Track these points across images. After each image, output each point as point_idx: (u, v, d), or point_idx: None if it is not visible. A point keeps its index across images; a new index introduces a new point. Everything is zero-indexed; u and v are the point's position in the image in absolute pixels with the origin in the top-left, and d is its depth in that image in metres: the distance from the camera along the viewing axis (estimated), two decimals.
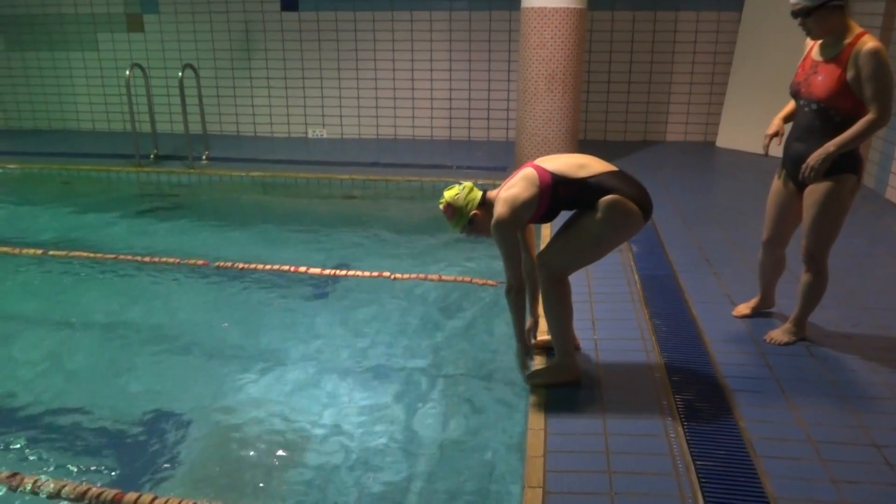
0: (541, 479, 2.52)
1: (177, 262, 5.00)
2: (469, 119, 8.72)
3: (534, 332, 3.48)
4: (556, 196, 2.95)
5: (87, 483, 2.75)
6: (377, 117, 8.91)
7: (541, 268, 3.03)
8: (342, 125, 9.03)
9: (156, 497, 2.62)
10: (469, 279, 4.60)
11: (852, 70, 2.97)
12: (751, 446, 2.68)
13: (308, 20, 8.67)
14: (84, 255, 5.15)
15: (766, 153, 3.50)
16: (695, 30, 8.02)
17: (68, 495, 2.67)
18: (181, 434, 3.13)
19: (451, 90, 8.63)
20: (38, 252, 5.21)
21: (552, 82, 6.68)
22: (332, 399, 3.37)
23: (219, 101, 9.15)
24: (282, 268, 4.85)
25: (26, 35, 9.45)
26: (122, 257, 5.07)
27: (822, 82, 3.06)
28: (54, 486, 2.70)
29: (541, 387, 3.11)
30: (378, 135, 8.98)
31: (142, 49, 9.16)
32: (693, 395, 3.04)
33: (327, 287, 4.67)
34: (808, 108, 3.15)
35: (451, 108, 8.71)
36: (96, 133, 9.60)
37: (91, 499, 2.64)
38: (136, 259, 5.05)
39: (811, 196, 3.19)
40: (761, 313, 3.77)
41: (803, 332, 3.49)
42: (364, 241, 5.63)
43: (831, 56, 3.05)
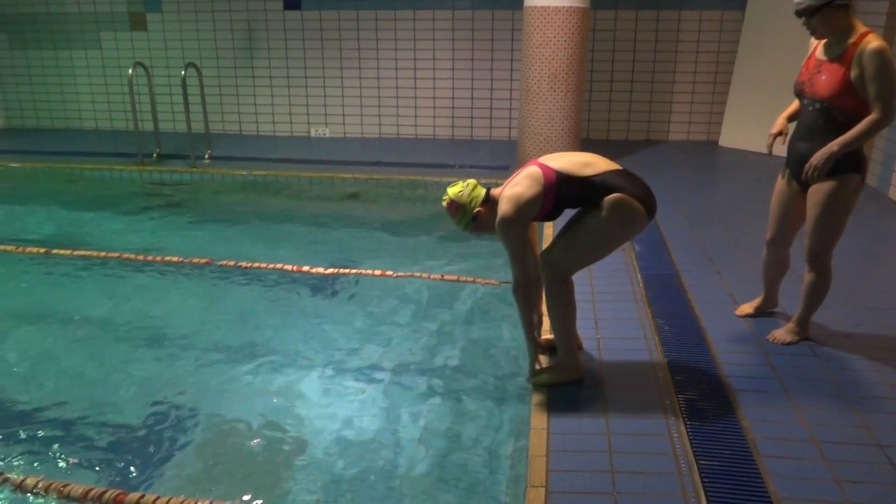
0: (544, 479, 2.52)
1: (179, 260, 5.00)
2: (472, 118, 8.72)
3: (538, 331, 3.48)
4: (561, 194, 2.95)
5: (88, 484, 2.75)
6: (380, 116, 8.91)
7: (544, 267, 3.03)
8: (345, 124, 9.03)
9: (158, 497, 2.62)
10: (471, 279, 4.60)
11: (856, 69, 2.96)
12: (754, 446, 2.68)
13: (311, 19, 8.67)
14: (86, 253, 5.16)
15: (770, 152, 3.49)
16: (698, 29, 8.01)
17: (69, 496, 2.67)
18: (182, 433, 3.13)
19: (453, 89, 8.63)
20: (41, 251, 5.22)
21: (555, 81, 6.68)
22: (333, 397, 3.37)
23: (221, 99, 9.16)
24: (284, 267, 4.85)
25: (30, 33, 9.46)
26: (124, 256, 5.08)
27: (826, 81, 3.05)
28: (55, 487, 2.70)
29: (544, 386, 3.11)
30: (381, 134, 8.98)
31: (144, 48, 9.17)
32: (696, 394, 3.04)
33: (329, 286, 4.67)
34: (811, 108, 3.14)
35: (453, 107, 8.71)
36: (99, 132, 9.61)
37: (93, 499, 2.64)
38: (138, 258, 5.06)
39: (815, 195, 3.19)
40: (764, 313, 3.76)
41: (806, 331, 3.48)
42: (366, 240, 5.63)
43: (835, 55, 3.04)
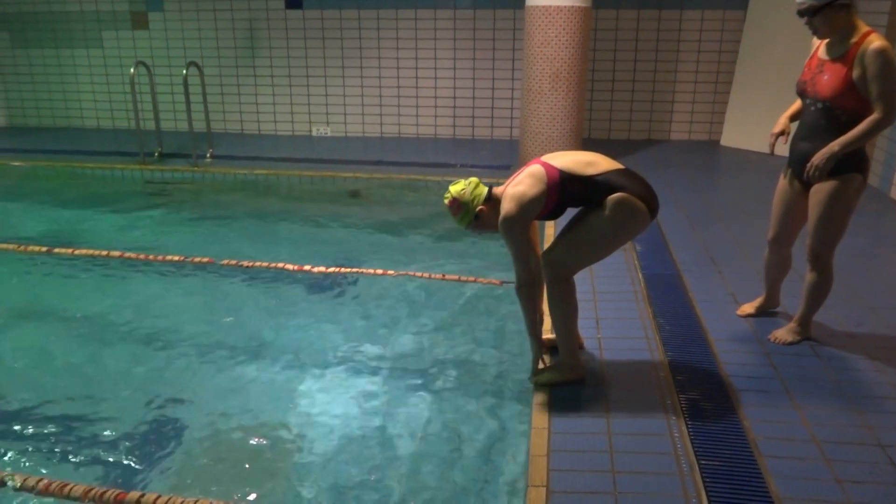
0: (544, 478, 2.51)
1: (180, 259, 5.00)
2: (473, 117, 8.72)
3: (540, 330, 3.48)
4: (564, 193, 2.94)
5: (88, 484, 2.75)
6: (381, 115, 8.91)
7: (547, 266, 3.02)
8: (346, 123, 9.03)
9: (159, 496, 2.62)
10: (472, 278, 4.60)
11: (858, 69, 2.95)
12: (755, 446, 2.68)
13: (312, 18, 8.67)
14: (88, 252, 5.16)
15: (772, 152, 3.49)
16: (699, 28, 8.01)
17: (70, 495, 2.67)
18: (182, 432, 3.13)
19: (455, 88, 8.63)
20: (43, 249, 5.22)
21: (556, 81, 6.67)
22: (333, 396, 3.37)
23: (223, 98, 9.16)
24: (285, 266, 4.85)
25: (32, 32, 9.47)
26: (126, 255, 5.08)
27: (828, 81, 3.05)
28: (55, 487, 2.70)
29: (545, 385, 3.10)
30: (382, 133, 8.98)
31: (146, 47, 9.18)
32: (697, 394, 3.03)
33: (330, 285, 4.67)
34: (813, 107, 3.14)
35: (455, 107, 8.71)
36: (101, 131, 9.61)
37: (93, 498, 2.64)
38: (139, 257, 5.06)
39: (817, 195, 3.19)
40: (766, 312, 3.76)
41: (808, 331, 3.48)
42: (367, 239, 5.63)
43: (838, 55, 3.04)
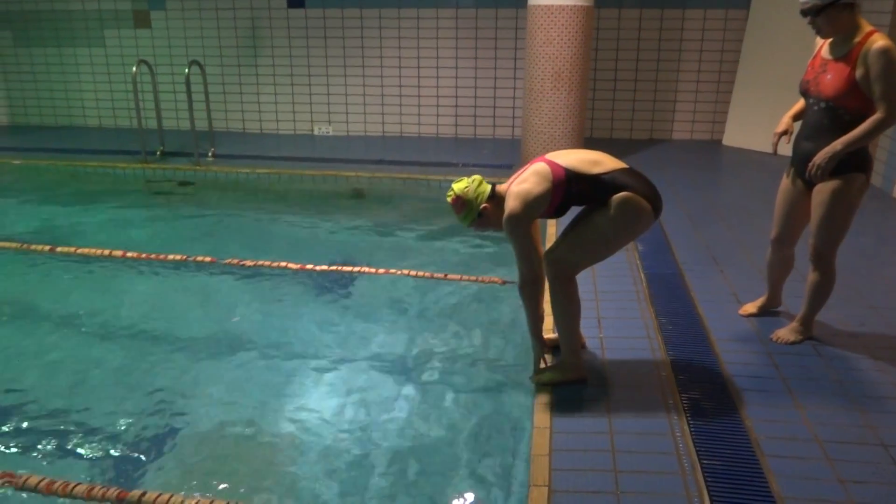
0: (546, 478, 2.51)
1: (182, 259, 5.01)
2: (475, 117, 8.72)
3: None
4: (569, 191, 2.93)
5: (90, 482, 2.75)
6: (383, 114, 8.91)
7: (550, 266, 3.01)
8: (348, 122, 9.03)
9: (160, 494, 2.62)
10: (474, 277, 4.59)
11: (861, 68, 2.95)
12: (757, 445, 2.68)
13: (314, 17, 8.67)
14: (90, 251, 5.16)
15: (775, 151, 3.48)
16: (702, 28, 8.00)
17: (72, 494, 2.68)
18: (183, 431, 3.13)
19: (457, 87, 8.62)
20: (45, 248, 5.22)
21: (558, 80, 6.67)
22: (335, 395, 3.38)
23: (225, 97, 9.16)
24: (288, 265, 4.85)
25: (34, 31, 9.47)
26: (128, 254, 5.08)
27: (832, 81, 3.04)
28: (58, 486, 2.70)
29: (547, 385, 3.10)
30: (384, 132, 8.98)
31: (148, 45, 9.18)
32: (699, 393, 3.03)
33: (332, 284, 4.67)
34: (817, 107, 3.13)
35: (456, 106, 8.70)
36: (103, 129, 9.62)
37: (95, 497, 2.65)
38: (141, 256, 5.06)
39: (819, 195, 3.18)
40: (768, 312, 3.75)
41: (810, 331, 3.47)
42: (369, 238, 5.64)
43: (841, 54, 3.03)
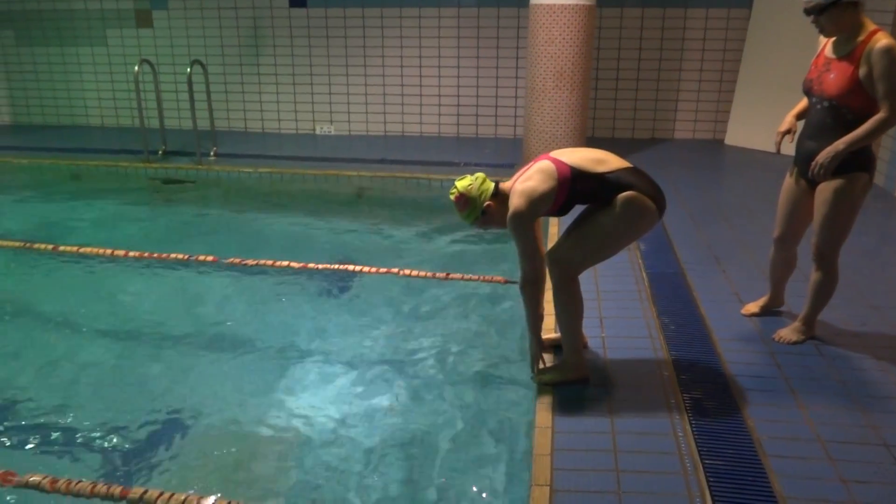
0: (548, 478, 2.51)
1: (185, 258, 5.01)
2: (477, 116, 8.71)
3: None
4: (574, 190, 2.92)
5: (92, 480, 2.76)
6: (385, 114, 8.90)
7: (553, 265, 3.00)
8: (350, 121, 9.03)
9: (161, 492, 2.63)
10: (476, 277, 4.59)
11: (865, 67, 2.94)
12: (759, 445, 2.67)
13: (316, 16, 8.67)
14: (92, 250, 5.17)
15: (778, 150, 3.48)
16: (704, 27, 7.98)
17: (77, 492, 2.68)
18: (184, 429, 3.14)
19: (459, 87, 8.61)
20: (48, 247, 5.23)
21: (560, 79, 6.66)
22: (337, 394, 3.38)
23: (227, 97, 9.16)
24: (290, 264, 4.85)
25: (36, 31, 9.48)
26: (130, 253, 5.08)
27: (835, 80, 3.04)
28: (61, 484, 2.70)
29: (549, 385, 3.10)
30: (386, 131, 8.97)
31: (150, 45, 9.18)
32: (701, 393, 3.03)
33: (334, 283, 4.67)
34: (820, 106, 3.12)
35: (458, 105, 8.70)
36: (105, 129, 9.62)
37: (98, 495, 2.65)
38: (143, 255, 5.07)
39: (822, 194, 3.18)
40: (770, 312, 3.75)
41: (812, 330, 3.47)
42: (370, 237, 5.64)
43: (844, 53, 3.03)
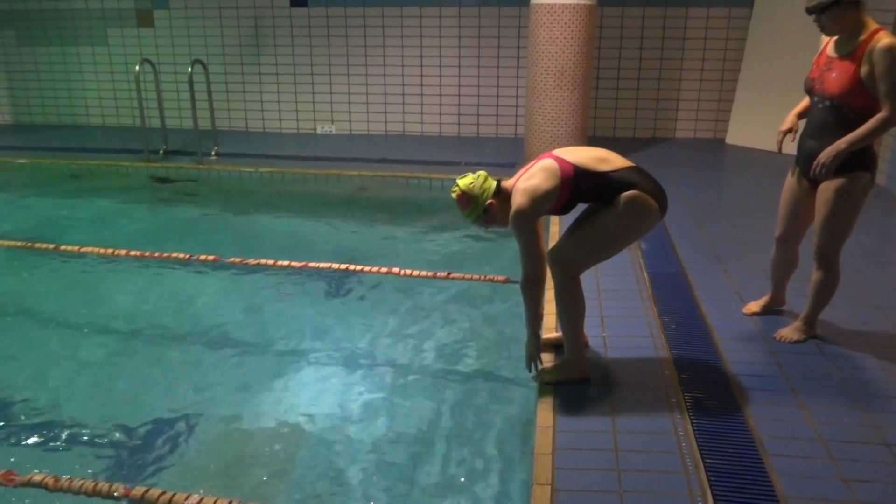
0: (549, 477, 2.51)
1: (186, 257, 5.01)
2: (478, 115, 8.71)
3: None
4: (577, 188, 2.91)
5: (93, 479, 2.76)
6: (386, 113, 8.90)
7: (555, 264, 2.99)
8: (351, 121, 9.03)
9: (163, 492, 2.63)
10: (478, 276, 4.59)
11: (866, 66, 2.94)
12: (760, 444, 2.67)
13: (317, 16, 8.67)
14: (93, 250, 5.17)
15: (780, 150, 3.47)
16: (705, 26, 7.98)
17: (81, 491, 2.69)
18: (186, 428, 3.14)
19: (459, 86, 8.61)
20: (49, 246, 5.23)
21: (561, 78, 6.66)
22: (337, 394, 3.38)
23: (228, 96, 9.16)
24: (291, 263, 4.86)
25: (37, 30, 9.48)
26: (131, 253, 5.09)
27: (836, 79, 3.03)
28: (63, 483, 2.71)
29: (550, 384, 3.09)
30: (387, 131, 8.97)
31: (151, 44, 9.18)
32: (702, 392, 3.03)
33: (335, 283, 4.67)
34: (821, 105, 3.12)
35: (459, 105, 8.69)
36: (106, 128, 9.62)
37: (101, 494, 2.66)
38: (144, 254, 5.07)
39: (824, 193, 3.17)
40: (771, 311, 3.74)
41: (814, 329, 3.47)
42: (371, 236, 5.64)
43: (846, 52, 3.02)
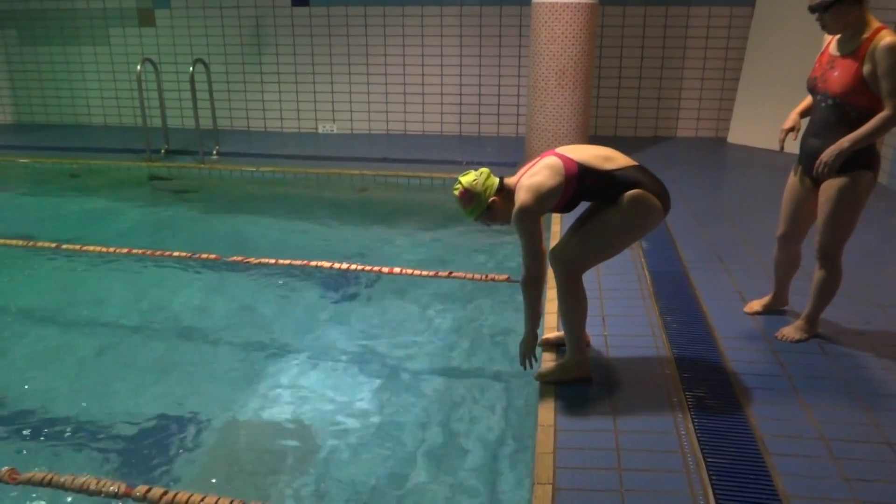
0: (550, 476, 2.51)
1: (187, 256, 5.02)
2: (479, 114, 8.71)
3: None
4: (582, 186, 2.90)
5: (95, 477, 2.76)
6: (387, 112, 8.90)
7: (558, 264, 2.97)
8: (352, 120, 9.03)
9: (166, 491, 2.64)
10: (480, 276, 4.59)
11: (869, 65, 2.93)
12: (762, 444, 2.67)
13: (318, 15, 8.67)
14: (95, 249, 5.18)
15: (782, 148, 3.47)
16: (707, 25, 7.97)
17: (86, 489, 2.69)
18: (187, 429, 3.15)
19: (461, 85, 8.61)
20: (51, 246, 5.23)
21: (563, 77, 6.66)
22: (337, 393, 3.39)
23: (229, 95, 9.17)
24: (293, 262, 4.86)
25: (39, 30, 9.49)
26: (133, 251, 5.09)
27: (839, 77, 3.03)
28: (65, 481, 2.71)
29: (551, 383, 3.09)
30: (388, 130, 8.97)
31: (153, 44, 9.19)
32: (704, 391, 3.02)
33: (336, 282, 4.67)
34: (824, 104, 3.12)
35: (461, 104, 8.69)
36: (107, 128, 9.64)
37: (104, 493, 2.66)
38: (145, 254, 5.07)
39: (826, 192, 3.17)
40: (773, 310, 3.73)
41: (815, 329, 3.46)
42: (372, 236, 5.64)
43: (849, 51, 3.02)
